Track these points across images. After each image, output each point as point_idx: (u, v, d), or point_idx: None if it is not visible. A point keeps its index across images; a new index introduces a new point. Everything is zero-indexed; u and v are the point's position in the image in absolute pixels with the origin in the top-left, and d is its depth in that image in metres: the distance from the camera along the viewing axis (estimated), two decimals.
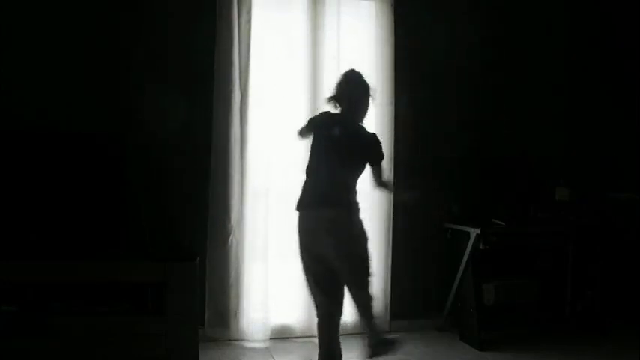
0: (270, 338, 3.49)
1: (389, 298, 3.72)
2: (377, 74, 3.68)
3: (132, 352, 2.79)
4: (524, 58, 4.08)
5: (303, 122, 2.95)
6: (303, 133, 2.92)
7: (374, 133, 2.91)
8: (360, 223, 2.74)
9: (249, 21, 3.47)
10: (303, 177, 2.80)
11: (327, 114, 2.87)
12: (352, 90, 2.82)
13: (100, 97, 3.31)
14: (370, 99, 2.86)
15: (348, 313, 2.95)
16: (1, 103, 3.16)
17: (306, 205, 2.73)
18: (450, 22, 3.89)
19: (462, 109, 3.91)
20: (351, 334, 3.64)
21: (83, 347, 2.75)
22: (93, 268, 2.80)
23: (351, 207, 2.72)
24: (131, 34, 3.37)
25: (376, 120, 3.68)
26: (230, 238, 3.43)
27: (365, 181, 2.89)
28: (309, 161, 2.80)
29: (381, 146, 2.87)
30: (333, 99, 2.83)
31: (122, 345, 2.79)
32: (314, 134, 2.83)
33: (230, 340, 3.44)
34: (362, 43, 3.74)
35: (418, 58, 3.81)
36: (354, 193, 2.76)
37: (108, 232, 3.03)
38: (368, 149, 2.82)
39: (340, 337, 2.82)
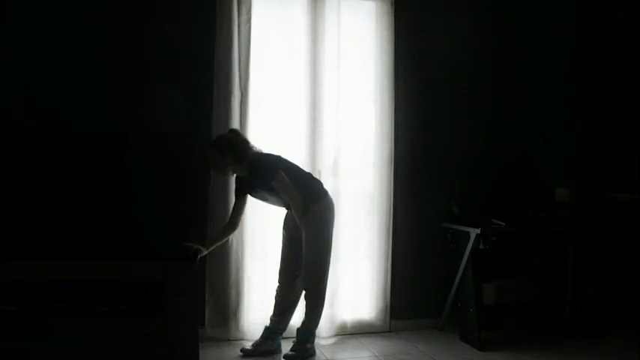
0: None
1: (389, 298, 3.72)
2: (377, 74, 3.68)
3: (132, 352, 2.79)
4: (525, 58, 4.07)
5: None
6: None
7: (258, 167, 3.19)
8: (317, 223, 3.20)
9: (249, 21, 3.47)
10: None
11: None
12: None
13: (100, 97, 3.31)
14: (213, 153, 3.17)
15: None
16: (1, 103, 3.17)
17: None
18: (451, 22, 3.88)
19: (462, 109, 3.91)
20: (351, 334, 3.66)
21: (83, 347, 2.75)
22: (93, 268, 2.80)
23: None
24: (131, 33, 3.37)
25: (376, 120, 3.68)
26: (230, 238, 3.43)
27: (364, 181, 2.91)
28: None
29: (263, 171, 3.16)
30: None
31: (122, 345, 2.79)
32: None
33: (230, 340, 3.44)
34: (362, 43, 3.73)
35: (418, 58, 3.81)
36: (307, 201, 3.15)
37: (108, 232, 3.03)
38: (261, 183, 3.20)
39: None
